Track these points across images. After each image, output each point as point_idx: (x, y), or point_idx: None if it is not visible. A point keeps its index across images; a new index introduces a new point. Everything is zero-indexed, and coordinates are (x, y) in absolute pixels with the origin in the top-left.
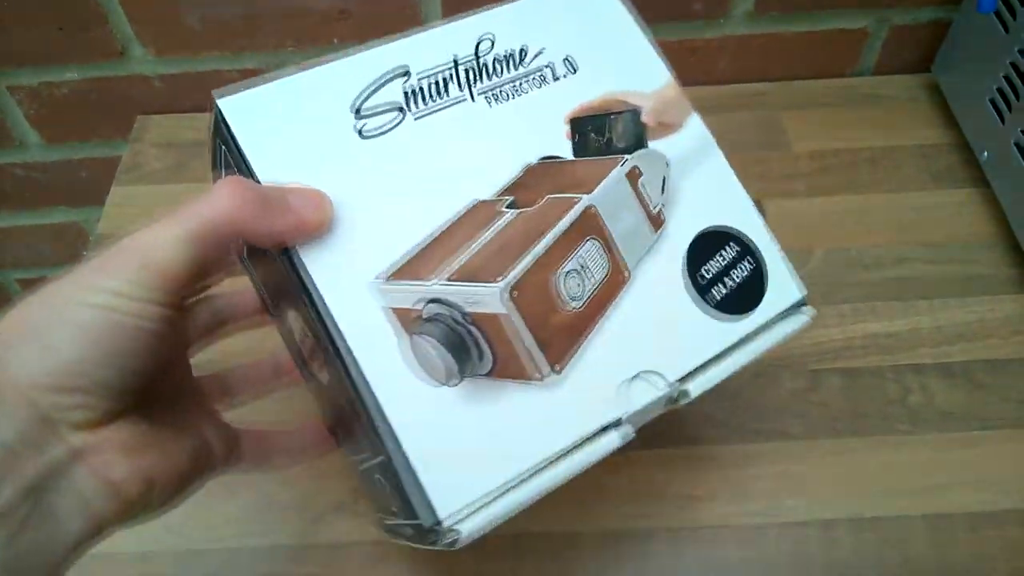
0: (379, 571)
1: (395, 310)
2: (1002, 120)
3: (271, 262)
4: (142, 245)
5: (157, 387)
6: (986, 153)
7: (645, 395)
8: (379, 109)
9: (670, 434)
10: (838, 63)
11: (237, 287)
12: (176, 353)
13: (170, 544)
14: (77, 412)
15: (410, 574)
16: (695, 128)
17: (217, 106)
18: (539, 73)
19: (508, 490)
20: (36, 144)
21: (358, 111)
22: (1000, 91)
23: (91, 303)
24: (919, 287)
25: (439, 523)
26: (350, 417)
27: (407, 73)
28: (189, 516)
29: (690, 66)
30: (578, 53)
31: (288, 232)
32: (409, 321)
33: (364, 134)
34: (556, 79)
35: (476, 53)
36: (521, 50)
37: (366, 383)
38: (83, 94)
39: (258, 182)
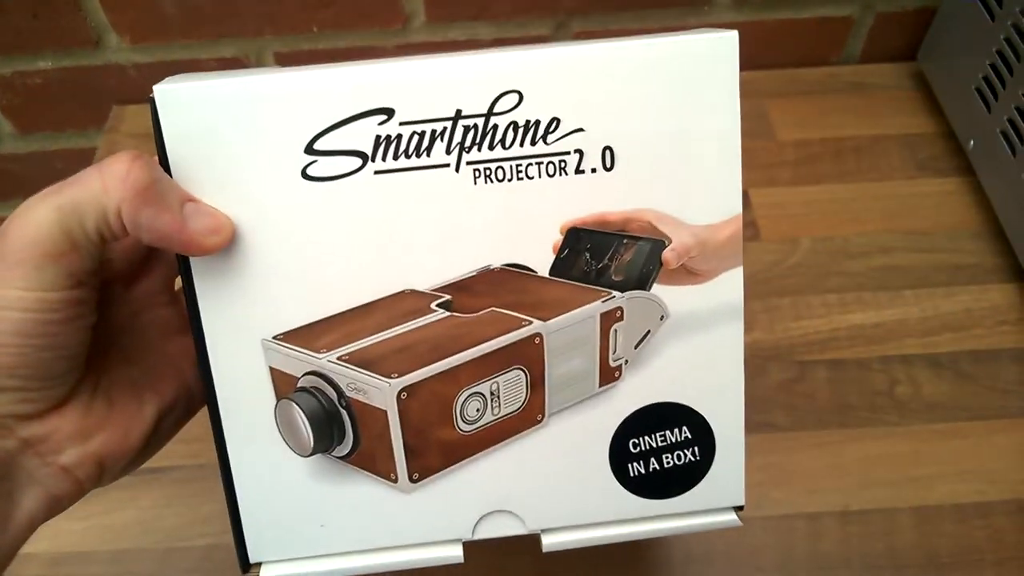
0: None
1: (277, 371)
2: (988, 109)
3: None
4: (22, 226)
5: (112, 353)
6: (972, 142)
7: (494, 531)
8: (336, 151)
9: None
10: (823, 51)
11: None
12: (120, 314)
13: (147, 542)
14: (19, 407)
15: None
16: (729, 288)
17: (152, 95)
18: (560, 159)
19: (325, 557)
20: (9, 135)
21: (311, 148)
22: (986, 79)
23: None
24: (905, 277)
25: (247, 562)
26: None
27: (389, 115)
28: (167, 516)
29: None
30: (627, 145)
31: (165, 237)
32: (286, 385)
33: (308, 174)
34: (579, 172)
35: (489, 111)
36: (551, 122)
37: (222, 433)
38: (57, 83)
39: None
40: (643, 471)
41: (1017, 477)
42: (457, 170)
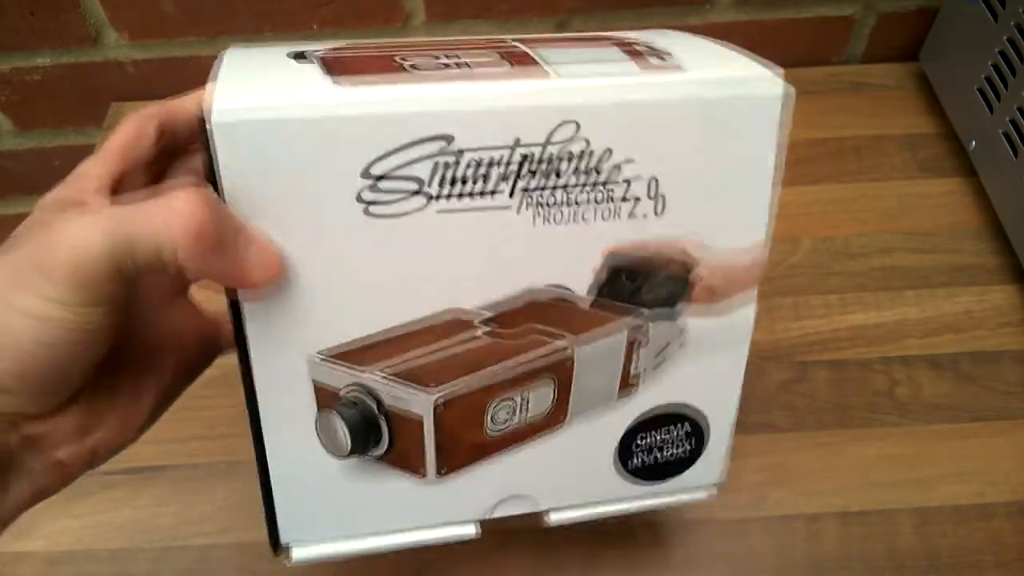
0: (351, 568)
1: (320, 385)
2: (990, 109)
3: None
4: (70, 241)
5: (119, 343)
6: (974, 142)
7: (508, 510)
8: (394, 179)
9: None
10: (825, 51)
11: None
12: (137, 322)
13: (145, 542)
14: (29, 408)
15: (384, 571)
16: (743, 311)
17: (208, 124)
18: (608, 188)
19: (351, 539)
20: (8, 132)
21: (374, 177)
22: (988, 80)
23: (26, 311)
24: (906, 277)
25: (278, 544)
26: None
27: (448, 141)
28: (164, 515)
29: None
30: (672, 178)
31: (223, 277)
32: (327, 396)
33: (371, 211)
34: (625, 201)
35: (547, 140)
36: (604, 153)
37: (259, 426)
38: (56, 80)
39: None
40: (644, 462)
41: (1018, 479)
42: (511, 195)
